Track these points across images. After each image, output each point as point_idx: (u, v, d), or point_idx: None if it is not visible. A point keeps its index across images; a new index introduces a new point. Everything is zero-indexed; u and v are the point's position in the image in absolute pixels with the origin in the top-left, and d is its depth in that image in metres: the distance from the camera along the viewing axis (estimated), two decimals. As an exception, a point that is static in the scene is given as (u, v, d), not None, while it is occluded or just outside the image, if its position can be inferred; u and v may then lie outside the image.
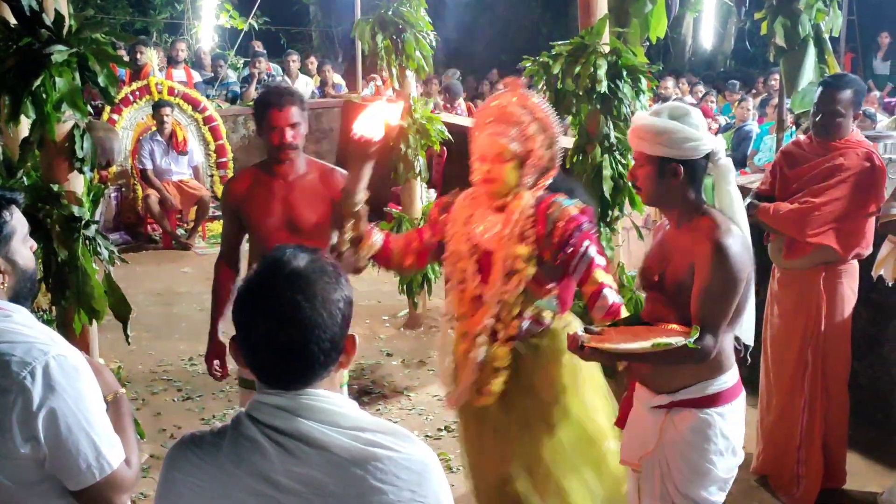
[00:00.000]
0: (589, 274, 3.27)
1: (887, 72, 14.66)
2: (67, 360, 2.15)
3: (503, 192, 3.36)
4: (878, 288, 4.96)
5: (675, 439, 3.04)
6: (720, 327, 2.91)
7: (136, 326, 6.75)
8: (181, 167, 9.96)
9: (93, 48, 3.48)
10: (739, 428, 3.11)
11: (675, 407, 3.04)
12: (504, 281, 3.31)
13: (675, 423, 3.04)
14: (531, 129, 3.33)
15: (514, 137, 3.31)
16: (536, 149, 3.35)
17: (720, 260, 2.88)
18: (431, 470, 1.73)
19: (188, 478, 1.72)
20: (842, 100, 4.40)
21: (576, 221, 3.29)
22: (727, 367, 3.05)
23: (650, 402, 3.11)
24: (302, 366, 1.72)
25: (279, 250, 1.77)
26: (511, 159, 3.32)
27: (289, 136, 3.79)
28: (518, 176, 3.35)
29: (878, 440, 4.98)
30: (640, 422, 3.17)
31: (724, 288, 2.89)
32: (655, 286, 3.09)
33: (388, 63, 7.81)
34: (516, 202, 3.36)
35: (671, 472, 3.07)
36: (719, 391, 3.03)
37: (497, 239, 3.35)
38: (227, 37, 14.81)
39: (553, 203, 3.33)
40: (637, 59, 4.79)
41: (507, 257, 3.31)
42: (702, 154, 3.01)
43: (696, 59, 17.28)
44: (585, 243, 3.27)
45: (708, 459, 3.02)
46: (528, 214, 3.33)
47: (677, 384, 3.03)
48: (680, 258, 2.99)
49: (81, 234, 3.58)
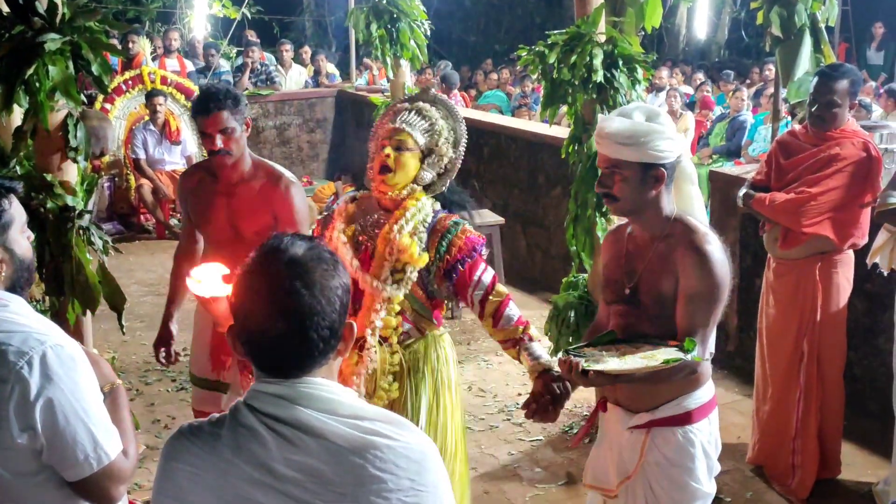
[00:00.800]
0: (486, 299, 3.22)
1: (881, 62, 14.67)
2: (65, 349, 2.15)
3: (399, 183, 3.26)
4: (873, 278, 4.97)
5: (658, 461, 2.93)
6: (708, 336, 2.83)
7: (130, 317, 6.77)
8: (174, 157, 9.92)
9: (86, 36, 3.45)
10: (717, 441, 3.02)
11: (656, 426, 2.93)
12: (390, 277, 3.23)
13: (657, 444, 2.93)
14: (439, 125, 3.31)
15: (421, 128, 3.29)
16: (440, 145, 3.31)
17: (706, 267, 2.77)
18: (430, 458, 1.73)
19: (187, 468, 1.72)
20: (838, 90, 4.39)
21: (475, 242, 3.24)
22: (704, 379, 2.95)
23: (628, 423, 2.98)
24: (300, 354, 1.71)
25: (276, 238, 1.76)
26: (413, 149, 3.26)
27: (218, 143, 3.66)
28: (416, 169, 3.28)
29: (874, 430, 4.99)
30: (616, 444, 3.03)
31: (713, 296, 2.79)
32: (627, 299, 2.94)
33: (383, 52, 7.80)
34: (411, 202, 3.27)
35: (657, 495, 2.95)
36: (698, 406, 2.93)
37: (383, 235, 3.25)
38: (219, 26, 14.77)
39: (457, 221, 3.28)
40: (633, 49, 4.78)
41: (392, 251, 3.21)
42: (677, 155, 2.86)
43: (690, 48, 17.28)
44: (479, 267, 3.23)
45: (694, 478, 2.93)
46: (424, 219, 3.25)
47: (657, 401, 2.91)
48: (659, 268, 2.86)
49: (75, 223, 3.56)
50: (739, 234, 5.90)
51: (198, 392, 4.04)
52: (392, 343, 3.27)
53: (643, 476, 2.96)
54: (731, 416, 5.38)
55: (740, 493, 4.63)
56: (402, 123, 3.27)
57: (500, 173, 8.38)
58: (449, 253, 3.22)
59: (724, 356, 6.07)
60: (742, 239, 5.89)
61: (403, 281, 3.23)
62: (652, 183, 2.84)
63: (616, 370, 2.66)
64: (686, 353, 2.69)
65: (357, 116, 11.60)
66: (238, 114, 3.71)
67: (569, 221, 5.04)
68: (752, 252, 5.77)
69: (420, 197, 3.29)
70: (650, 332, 2.86)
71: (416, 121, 3.29)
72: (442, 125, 3.32)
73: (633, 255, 2.96)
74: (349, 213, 3.42)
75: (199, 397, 4.05)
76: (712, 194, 6.23)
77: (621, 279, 2.97)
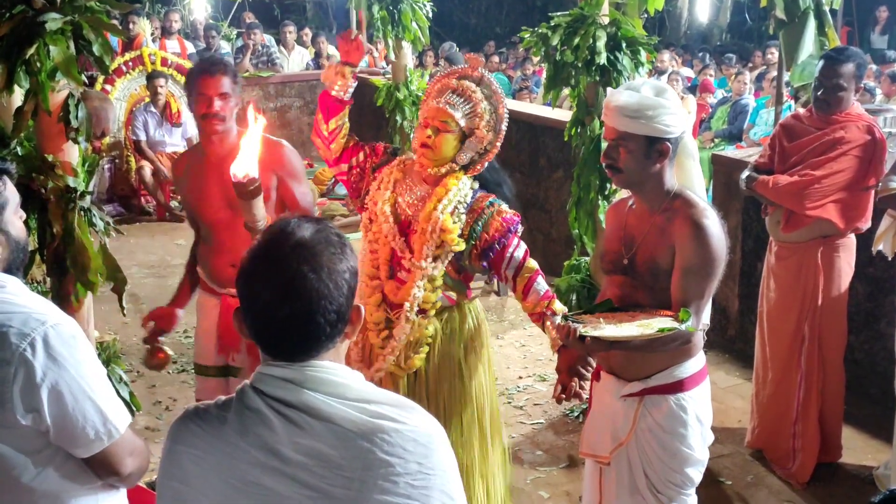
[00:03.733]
0: (518, 273, 3.34)
1: (885, 45, 14.61)
2: (65, 328, 2.14)
3: (438, 161, 3.35)
4: (875, 263, 4.96)
5: (651, 427, 3.01)
6: (702, 308, 2.88)
7: (131, 298, 6.77)
8: (175, 139, 9.88)
9: (87, 16, 3.42)
10: (709, 409, 3.10)
11: (648, 394, 3.01)
12: (432, 254, 3.31)
13: (649, 411, 3.01)
14: (481, 107, 3.35)
15: (463, 111, 3.33)
16: (481, 128, 3.36)
17: (702, 241, 2.83)
18: (437, 442, 1.72)
19: (192, 450, 1.71)
20: (844, 73, 4.37)
21: (510, 223, 3.34)
22: (696, 350, 3.03)
23: (621, 391, 3.06)
24: (307, 337, 1.70)
25: (283, 220, 1.75)
26: (454, 131, 3.33)
27: (216, 106, 3.67)
28: (456, 149, 3.36)
29: (874, 415, 4.99)
30: (610, 412, 3.11)
31: (708, 269, 2.84)
32: (624, 269, 3.02)
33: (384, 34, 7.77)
34: (452, 180, 3.36)
35: (651, 461, 3.04)
36: (690, 374, 3.01)
37: (427, 211, 3.34)
38: (220, 7, 14.70)
39: (492, 201, 3.37)
40: (636, 31, 4.76)
41: (435, 230, 3.30)
42: (682, 131, 2.94)
43: (691, 32, 17.21)
44: (513, 244, 3.33)
45: (687, 444, 3.01)
46: (463, 200, 3.34)
47: (650, 370, 2.99)
48: (656, 241, 2.92)
49: (77, 204, 3.54)
50: (741, 218, 5.88)
51: (202, 381, 4.03)
52: (429, 314, 3.37)
53: (637, 443, 3.04)
54: (732, 400, 5.39)
55: (741, 476, 4.64)
56: (445, 105, 3.32)
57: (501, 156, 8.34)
58: (486, 232, 3.32)
59: (724, 340, 6.07)
60: (744, 222, 5.88)
61: (441, 258, 3.32)
62: (656, 157, 2.91)
63: (612, 337, 2.74)
64: (681, 322, 2.74)
65: (358, 98, 11.55)
66: (236, 85, 3.75)
67: (571, 204, 5.04)
68: (755, 235, 5.76)
69: (461, 177, 3.38)
70: (645, 302, 2.94)
71: (458, 102, 3.33)
72: (484, 107, 3.36)
73: (633, 226, 3.03)
74: (395, 179, 3.47)
75: (202, 387, 4.02)
76: (714, 177, 6.21)
77: (620, 250, 3.04)
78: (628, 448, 3.06)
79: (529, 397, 5.53)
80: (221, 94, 3.68)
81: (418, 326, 3.36)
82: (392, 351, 3.38)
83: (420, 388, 3.45)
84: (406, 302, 3.34)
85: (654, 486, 3.05)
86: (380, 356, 3.40)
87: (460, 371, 3.46)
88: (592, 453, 3.19)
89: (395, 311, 3.38)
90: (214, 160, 3.77)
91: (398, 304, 3.37)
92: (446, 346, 3.44)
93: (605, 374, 3.15)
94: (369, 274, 3.45)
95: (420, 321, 3.36)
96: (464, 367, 3.46)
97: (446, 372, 3.44)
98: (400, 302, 3.36)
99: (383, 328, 3.40)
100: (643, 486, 3.06)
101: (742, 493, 4.52)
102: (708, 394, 3.10)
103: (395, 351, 3.38)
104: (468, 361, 3.48)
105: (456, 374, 3.45)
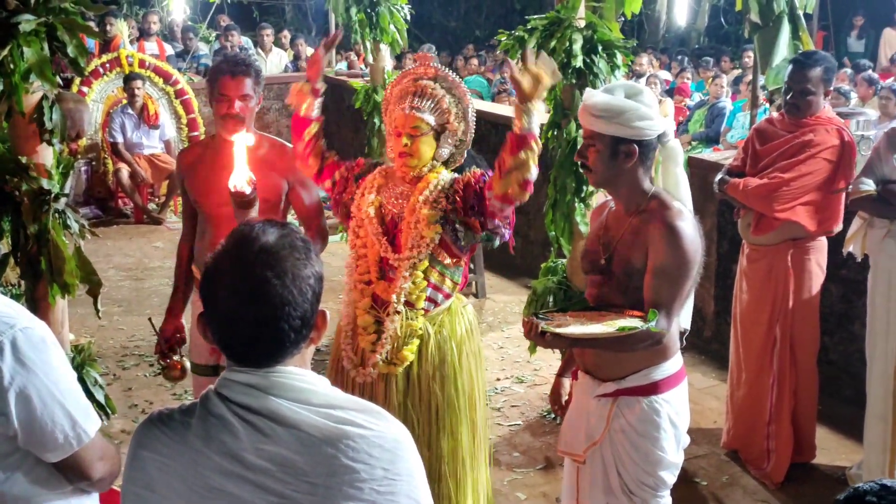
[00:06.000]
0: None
1: (862, 49, 14.74)
2: (34, 331, 2.12)
3: (420, 165, 3.40)
4: (848, 265, 5.01)
5: (624, 428, 3.01)
6: (675, 310, 2.88)
7: (107, 301, 6.74)
8: (152, 141, 9.84)
9: (62, 18, 3.41)
10: (685, 412, 3.10)
11: (622, 395, 3.01)
12: (416, 244, 3.36)
13: (622, 412, 3.01)
14: (446, 101, 3.39)
15: (430, 110, 3.36)
16: (451, 121, 3.40)
17: (675, 242, 2.83)
18: (404, 447, 1.71)
19: (156, 456, 1.69)
20: (812, 77, 4.41)
21: (480, 173, 3.38)
22: (672, 352, 3.02)
23: (595, 391, 3.07)
24: (272, 343, 1.68)
25: (247, 226, 1.73)
26: (427, 132, 3.37)
27: (236, 108, 3.66)
28: (433, 147, 3.40)
29: (848, 415, 5.03)
30: (584, 412, 3.12)
31: (680, 271, 2.85)
32: (602, 269, 3.03)
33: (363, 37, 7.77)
34: (433, 175, 3.42)
35: (623, 462, 3.04)
36: (665, 377, 3.01)
37: (410, 207, 3.38)
38: (198, 9, 14.64)
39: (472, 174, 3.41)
40: (613, 35, 4.79)
41: (416, 221, 3.36)
42: (655, 134, 2.95)
43: (669, 35, 17.29)
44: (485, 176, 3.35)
45: (659, 447, 3.01)
46: (445, 186, 3.39)
47: (624, 371, 3.00)
48: (631, 242, 2.94)
49: (51, 206, 3.52)
50: (717, 220, 5.92)
51: (197, 380, 4.02)
52: (417, 307, 3.41)
53: (610, 443, 3.05)
54: (708, 401, 5.42)
55: (716, 477, 4.67)
56: (412, 111, 3.35)
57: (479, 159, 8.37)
58: (461, 187, 3.35)
59: (700, 342, 6.11)
60: (719, 225, 5.92)
61: (426, 247, 3.36)
62: (622, 157, 2.92)
63: (571, 334, 2.76)
64: (646, 323, 2.75)
65: (337, 101, 11.55)
66: (258, 85, 3.74)
67: (548, 207, 5.05)
68: (730, 238, 5.80)
69: (440, 170, 3.43)
70: (620, 302, 2.95)
71: (423, 104, 3.36)
72: (448, 101, 3.40)
73: (611, 227, 3.06)
74: (378, 184, 3.51)
75: (198, 384, 4.03)
76: (690, 180, 6.23)
77: (598, 250, 3.06)
78: (602, 448, 3.07)
79: (507, 399, 5.55)
80: (243, 95, 3.67)
81: (407, 318, 3.39)
82: (382, 346, 3.40)
83: (413, 389, 3.48)
84: (393, 293, 3.38)
85: (627, 486, 3.05)
86: (371, 356, 3.43)
87: (454, 372, 3.48)
88: (569, 451, 3.21)
89: (387, 309, 3.43)
90: (228, 158, 3.77)
91: (389, 301, 3.42)
92: (439, 348, 3.46)
93: (581, 374, 3.17)
94: (359, 279, 3.48)
95: (408, 312, 3.39)
96: (457, 368, 3.49)
97: (439, 374, 3.46)
98: (390, 298, 3.41)
99: (373, 332, 3.44)
100: (616, 486, 3.07)
101: (717, 494, 4.54)
102: (684, 397, 3.10)
103: (385, 345, 3.40)
104: (461, 363, 3.50)
105: (448, 375, 3.47)
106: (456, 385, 3.49)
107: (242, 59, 3.79)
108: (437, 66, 3.45)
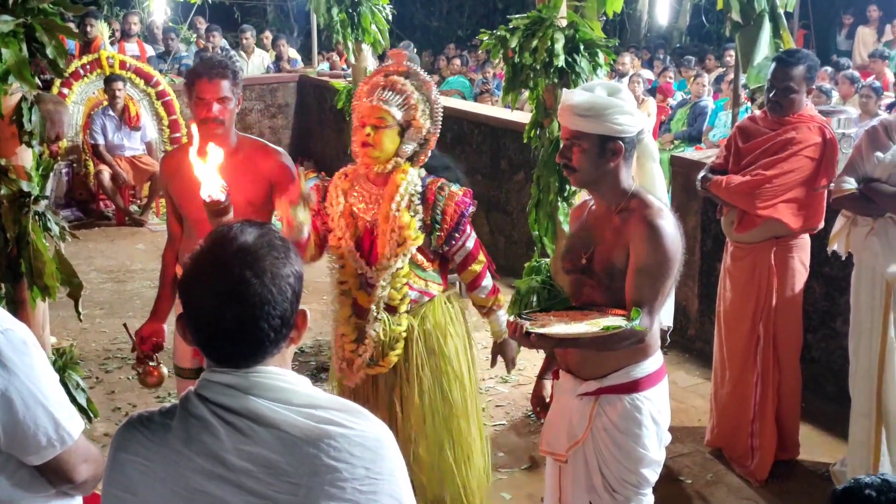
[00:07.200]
0: (467, 265, 3.55)
1: (850, 48, 14.81)
2: (15, 333, 2.11)
3: (381, 157, 3.41)
4: (831, 262, 5.03)
5: (606, 427, 3.01)
6: (656, 308, 2.89)
7: (89, 304, 6.70)
8: (134, 143, 9.79)
9: (41, 19, 3.38)
10: (666, 409, 3.11)
11: (604, 394, 3.01)
12: (393, 252, 3.38)
13: (604, 410, 3.01)
14: (414, 98, 3.41)
15: (397, 104, 3.38)
16: (417, 118, 3.41)
17: (656, 241, 2.83)
18: (386, 446, 1.70)
19: (137, 458, 1.68)
20: (795, 76, 4.42)
21: (462, 205, 3.45)
22: (653, 350, 3.03)
23: (577, 390, 3.07)
24: (251, 343, 1.67)
25: (225, 226, 1.72)
26: (392, 125, 3.38)
27: (214, 110, 3.61)
28: (396, 143, 3.41)
29: (831, 413, 5.05)
30: (566, 411, 3.12)
31: (661, 269, 2.85)
32: (583, 269, 3.03)
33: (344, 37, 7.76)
34: (400, 175, 3.42)
35: (606, 460, 3.04)
36: (646, 375, 3.01)
37: (383, 213, 3.40)
38: (179, 10, 14.58)
39: (441, 185, 3.45)
40: (594, 34, 4.79)
41: (395, 229, 3.38)
42: (636, 131, 2.95)
43: (651, 34, 17.33)
44: (466, 232, 3.49)
45: (642, 445, 3.01)
46: (415, 191, 3.41)
47: (606, 369, 3.00)
48: (612, 241, 2.94)
49: (31, 209, 3.50)
50: (700, 219, 5.94)
51: (182, 383, 4.00)
52: (399, 311, 3.45)
53: (592, 442, 3.05)
54: (692, 399, 5.43)
55: (700, 475, 4.68)
56: (379, 101, 3.37)
57: (462, 159, 8.37)
58: (444, 220, 3.43)
59: (684, 340, 6.12)
60: (703, 223, 5.93)
61: (402, 255, 3.39)
62: (610, 156, 2.92)
63: (557, 334, 2.76)
64: (630, 321, 2.76)
65: (319, 102, 11.53)
66: (236, 87, 3.70)
67: (531, 206, 5.06)
68: (713, 236, 5.81)
69: (406, 169, 3.44)
70: (602, 301, 2.95)
71: (391, 97, 3.38)
72: (417, 97, 3.41)
73: (592, 227, 3.06)
74: (344, 188, 3.53)
75: (182, 387, 4.00)
76: (673, 179, 6.26)
77: (579, 249, 3.06)
78: (584, 447, 3.07)
79: (491, 399, 5.54)
80: (221, 98, 3.62)
81: (389, 324, 3.41)
82: (366, 351, 3.43)
83: (401, 382, 3.52)
84: (372, 302, 3.40)
85: (610, 485, 3.05)
86: (356, 360, 3.48)
87: (441, 362, 3.52)
88: (551, 451, 3.20)
89: (367, 317, 3.46)
90: None
91: (369, 308, 3.44)
92: (423, 341, 3.49)
93: (563, 373, 3.17)
94: (339, 288, 3.50)
95: (390, 318, 3.41)
96: (444, 358, 3.53)
97: (426, 366, 3.49)
98: (370, 306, 3.43)
99: (354, 339, 3.47)
100: (599, 485, 3.07)
101: (702, 492, 4.55)
102: (665, 394, 3.10)
103: (368, 350, 3.43)
104: (447, 349, 3.55)
105: (437, 367, 3.51)
106: (446, 371, 3.54)
107: (219, 61, 3.73)
108: (409, 64, 3.48)
